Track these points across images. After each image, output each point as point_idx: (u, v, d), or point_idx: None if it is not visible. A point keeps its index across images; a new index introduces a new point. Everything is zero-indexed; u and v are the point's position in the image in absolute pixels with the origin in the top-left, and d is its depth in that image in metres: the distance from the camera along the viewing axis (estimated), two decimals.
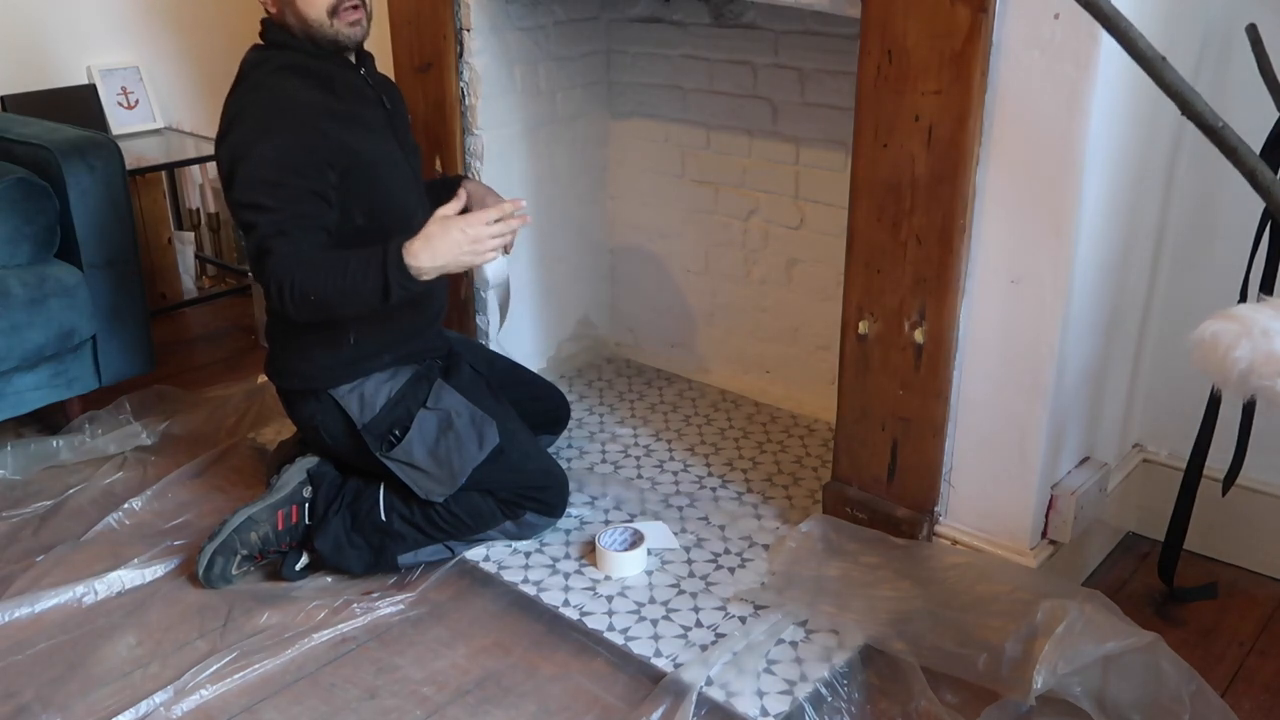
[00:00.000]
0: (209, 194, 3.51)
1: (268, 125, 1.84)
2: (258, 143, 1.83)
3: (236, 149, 1.85)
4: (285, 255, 1.78)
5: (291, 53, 1.91)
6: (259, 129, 1.84)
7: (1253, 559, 2.05)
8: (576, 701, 1.72)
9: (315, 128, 1.86)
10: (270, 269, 1.79)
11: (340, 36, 1.90)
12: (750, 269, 2.64)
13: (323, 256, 1.82)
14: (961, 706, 1.67)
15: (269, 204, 1.80)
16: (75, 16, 3.17)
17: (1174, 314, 2.03)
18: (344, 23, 1.89)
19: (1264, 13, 1.68)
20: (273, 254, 1.78)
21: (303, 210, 1.82)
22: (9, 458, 2.40)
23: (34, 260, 2.35)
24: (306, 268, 1.78)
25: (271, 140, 1.83)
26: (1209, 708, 1.58)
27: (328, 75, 1.92)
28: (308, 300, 1.78)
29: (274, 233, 1.79)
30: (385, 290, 1.76)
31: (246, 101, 1.89)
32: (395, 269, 1.75)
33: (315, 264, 1.79)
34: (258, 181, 1.81)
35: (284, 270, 1.78)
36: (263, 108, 1.86)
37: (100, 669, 1.80)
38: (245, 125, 1.86)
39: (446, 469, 1.97)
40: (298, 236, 1.80)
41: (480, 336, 2.61)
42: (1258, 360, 1.22)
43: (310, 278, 1.78)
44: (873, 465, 1.99)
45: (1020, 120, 1.67)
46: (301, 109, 1.86)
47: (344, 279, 1.77)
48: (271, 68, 1.90)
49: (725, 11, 2.45)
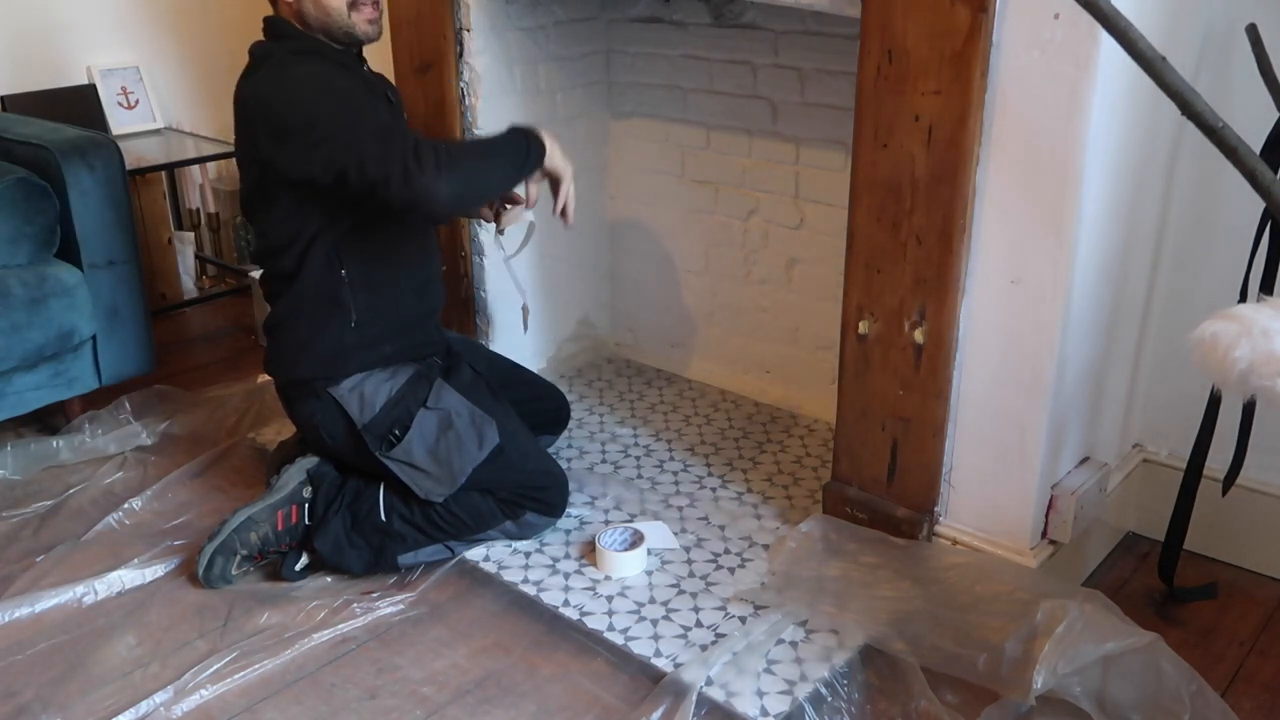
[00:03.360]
0: (209, 194, 3.51)
1: (315, 82, 1.84)
2: (314, 94, 1.82)
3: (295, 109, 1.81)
4: (414, 137, 1.77)
5: (304, 41, 1.92)
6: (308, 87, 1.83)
7: (1253, 559, 2.05)
8: (576, 701, 1.72)
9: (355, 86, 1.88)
10: (406, 147, 1.73)
11: (357, 30, 1.92)
12: (750, 269, 2.64)
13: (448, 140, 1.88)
14: (961, 706, 1.67)
15: (361, 117, 1.79)
16: (75, 17, 3.18)
17: (1174, 314, 2.03)
18: (362, 18, 1.91)
19: (1264, 13, 1.68)
20: (400, 136, 1.76)
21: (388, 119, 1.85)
22: (9, 458, 2.40)
23: (34, 260, 2.35)
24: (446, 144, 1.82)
25: (328, 89, 1.83)
26: (1209, 708, 1.58)
27: (343, 61, 1.94)
28: (459, 166, 1.78)
29: (383, 127, 1.78)
30: (526, 157, 1.92)
31: (276, 80, 1.87)
32: (535, 138, 1.94)
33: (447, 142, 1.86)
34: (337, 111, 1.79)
35: (423, 145, 1.75)
36: (301, 77, 1.85)
37: (100, 669, 1.80)
38: (290, 92, 1.83)
39: (446, 469, 1.97)
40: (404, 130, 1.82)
41: (480, 336, 2.61)
42: (1258, 360, 1.22)
43: (455, 151, 1.81)
44: (873, 465, 1.99)
45: (1020, 120, 1.67)
46: (337, 76, 1.88)
47: (487, 147, 1.93)
48: (289, 50, 1.91)
49: (725, 11, 2.45)
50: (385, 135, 1.76)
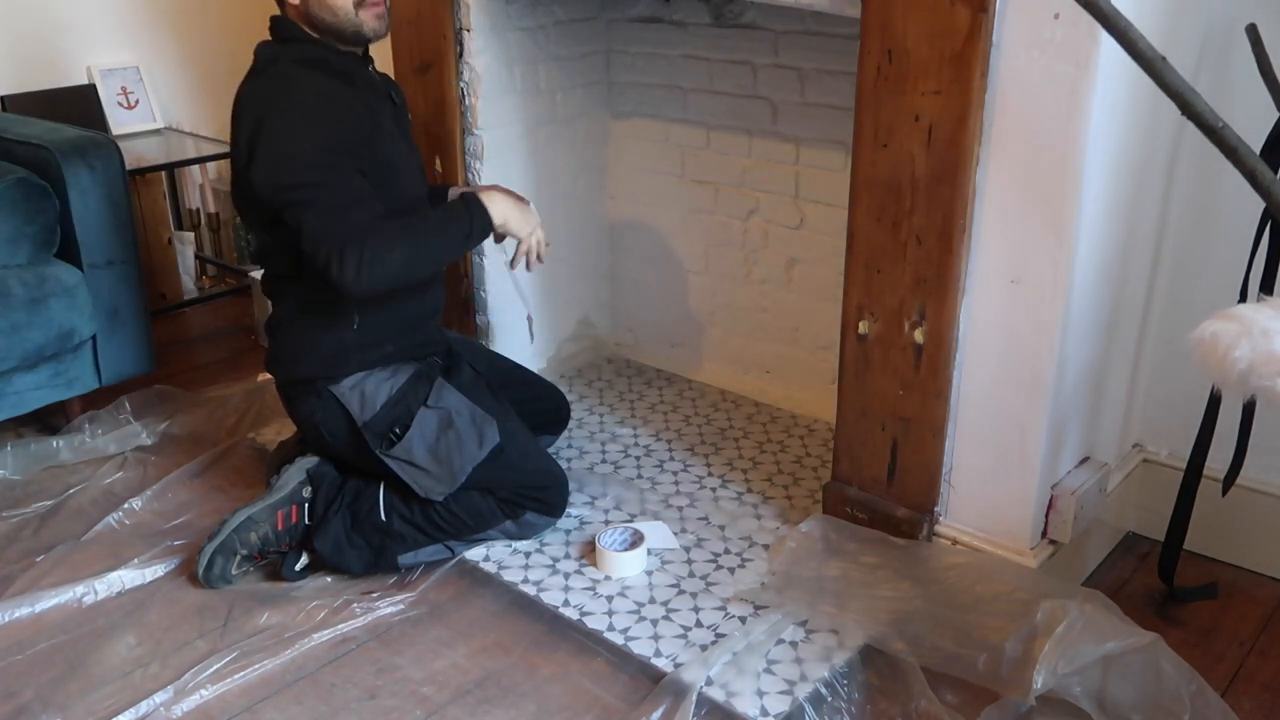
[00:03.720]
0: (209, 194, 3.51)
1: (308, 112, 1.83)
2: (301, 128, 1.81)
3: (278, 138, 1.82)
4: (358, 223, 1.78)
5: (309, 46, 1.91)
6: (297, 116, 1.83)
7: (1253, 559, 2.05)
8: (576, 701, 1.72)
9: (344, 115, 1.86)
10: (343, 238, 1.76)
11: (364, 28, 1.91)
12: (750, 269, 2.64)
13: (394, 219, 1.85)
14: (961, 706, 1.67)
15: (328, 181, 1.79)
16: (75, 17, 3.18)
17: (1174, 314, 2.03)
18: (369, 14, 1.90)
19: (1264, 13, 1.68)
20: (344, 223, 1.77)
21: (359, 185, 1.83)
22: (9, 458, 2.40)
23: (34, 260, 2.35)
24: (385, 231, 1.81)
25: (314, 125, 1.82)
26: (1209, 708, 1.58)
27: (346, 70, 1.92)
28: (389, 261, 1.79)
29: (337, 205, 1.79)
30: (468, 234, 1.92)
31: (275, 91, 1.86)
32: (479, 211, 1.92)
33: (394, 226, 1.83)
34: (311, 163, 1.79)
35: (361, 236, 1.77)
36: (298, 96, 1.85)
37: (100, 669, 1.80)
38: (281, 113, 1.83)
39: (446, 468, 1.97)
40: (360, 206, 1.81)
41: (480, 336, 2.61)
42: (1258, 360, 1.22)
43: (391, 239, 1.80)
44: (873, 465, 1.99)
45: (1020, 120, 1.67)
46: (329, 98, 1.86)
47: (428, 231, 1.89)
48: (291, 59, 1.89)
49: (725, 11, 2.45)
50: (332, 215, 1.78)
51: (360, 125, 1.87)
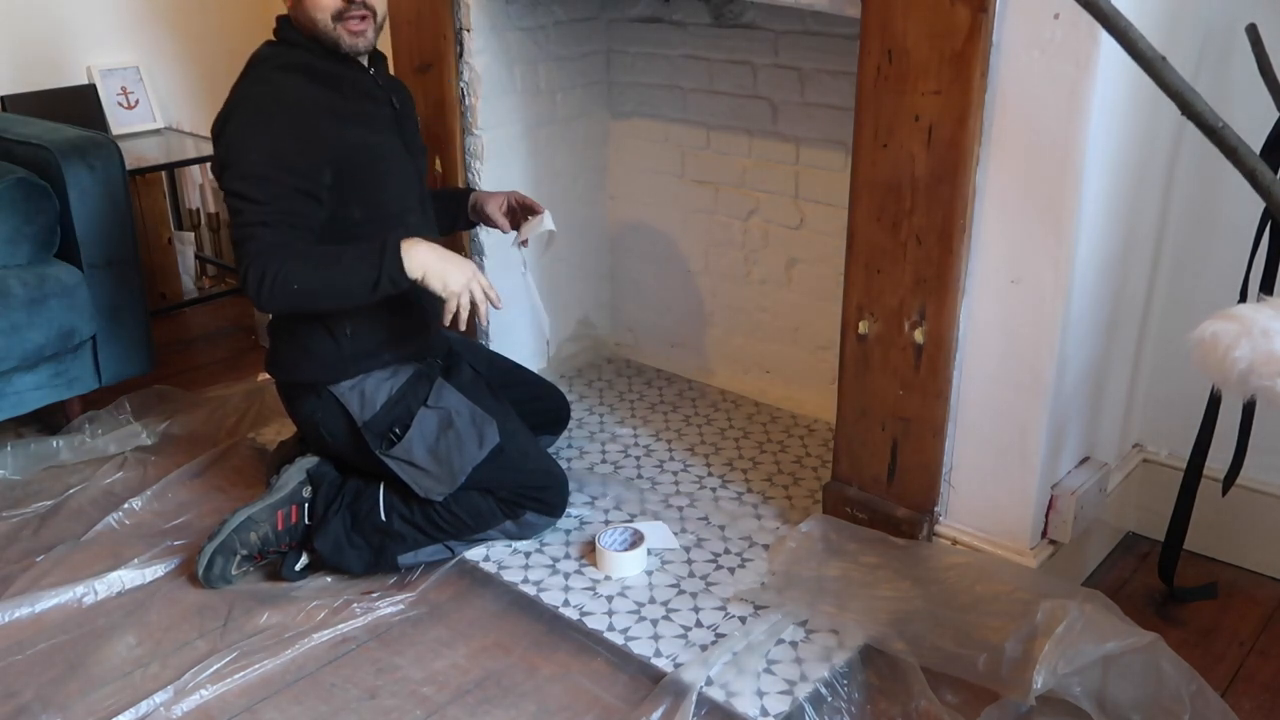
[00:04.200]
0: (209, 194, 3.51)
1: (265, 120, 1.86)
2: (253, 135, 1.85)
3: (232, 139, 1.87)
4: (268, 244, 1.81)
5: (301, 51, 1.93)
6: (256, 122, 1.86)
7: (1253, 559, 2.05)
8: (576, 701, 1.72)
9: (312, 125, 1.87)
10: (251, 255, 1.81)
11: (342, 42, 1.92)
12: (750, 269, 2.64)
13: (312, 247, 1.87)
14: (961, 706, 1.67)
15: (256, 196, 1.83)
16: (75, 16, 3.17)
17: (1174, 314, 2.03)
18: (346, 30, 1.90)
19: (1264, 13, 1.67)
20: (254, 240, 1.81)
21: (289, 207, 1.84)
22: (9, 458, 2.40)
23: (34, 260, 2.35)
24: (293, 257, 1.82)
25: (267, 134, 1.85)
26: (1209, 708, 1.58)
27: (334, 74, 1.93)
28: (288, 288, 1.81)
29: (257, 222, 1.82)
30: (375, 281, 1.81)
31: (249, 94, 1.91)
32: (391, 258, 1.80)
33: (303, 254, 1.84)
34: (248, 174, 1.84)
35: (265, 258, 1.80)
36: (262, 102, 1.88)
37: (100, 669, 1.80)
38: (243, 117, 1.88)
39: (446, 468, 1.97)
40: (281, 230, 1.83)
41: (480, 336, 2.61)
42: (1258, 360, 1.22)
43: (295, 267, 1.81)
44: (873, 465, 1.99)
45: (1020, 120, 1.67)
46: (300, 106, 1.88)
47: (334, 267, 1.83)
48: (277, 63, 1.92)
49: (725, 11, 2.45)
50: (252, 229, 1.82)
51: (321, 141, 1.88)
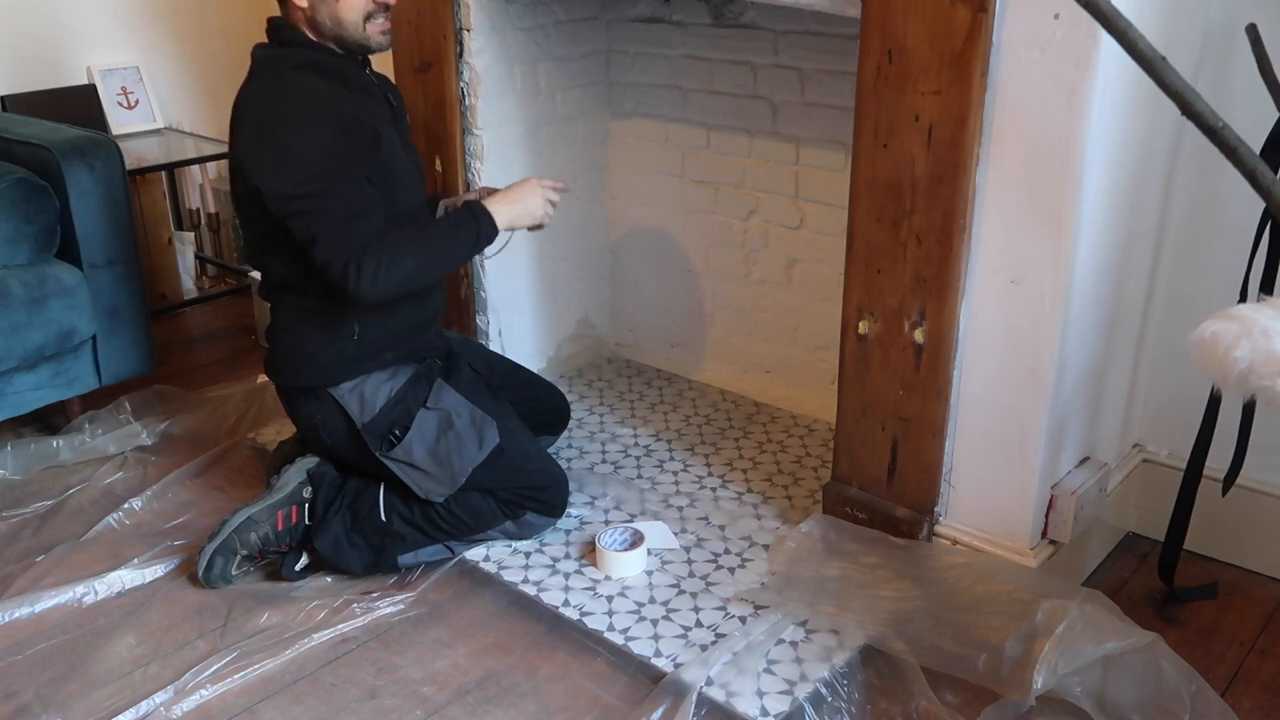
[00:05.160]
0: (209, 194, 3.52)
1: (309, 118, 1.83)
2: (304, 136, 1.82)
3: (283, 144, 1.82)
4: (369, 233, 1.81)
5: (307, 50, 1.91)
6: (302, 122, 1.83)
7: (1253, 559, 2.05)
8: (576, 701, 1.72)
9: (345, 122, 1.86)
10: (356, 248, 1.80)
11: (371, 42, 1.93)
12: (750, 269, 2.64)
13: (403, 228, 1.90)
14: (961, 706, 1.67)
15: (334, 191, 1.81)
16: (75, 16, 3.18)
17: (1174, 314, 2.03)
18: (376, 29, 1.92)
19: (1264, 13, 1.68)
20: (354, 234, 1.80)
21: (366, 193, 1.85)
22: (9, 458, 2.40)
23: (34, 260, 2.35)
24: (393, 241, 1.84)
25: (317, 131, 1.82)
26: (1209, 708, 1.58)
27: (344, 72, 1.92)
28: (402, 270, 1.83)
29: (347, 216, 1.81)
30: (475, 241, 1.94)
31: (275, 97, 1.86)
32: (486, 220, 1.93)
33: (400, 235, 1.86)
34: (316, 173, 1.81)
35: (372, 248, 1.80)
36: (298, 102, 1.85)
37: (100, 669, 1.80)
38: (286, 119, 1.83)
39: (446, 469, 1.97)
40: (372, 218, 1.83)
41: (480, 337, 2.61)
42: (1258, 360, 1.22)
43: (401, 249, 1.83)
44: (873, 465, 1.99)
45: (1020, 120, 1.67)
46: (332, 103, 1.86)
47: (439, 239, 1.92)
48: (290, 64, 1.89)
49: (725, 11, 2.45)
50: (346, 225, 1.81)
51: (362, 130, 1.87)
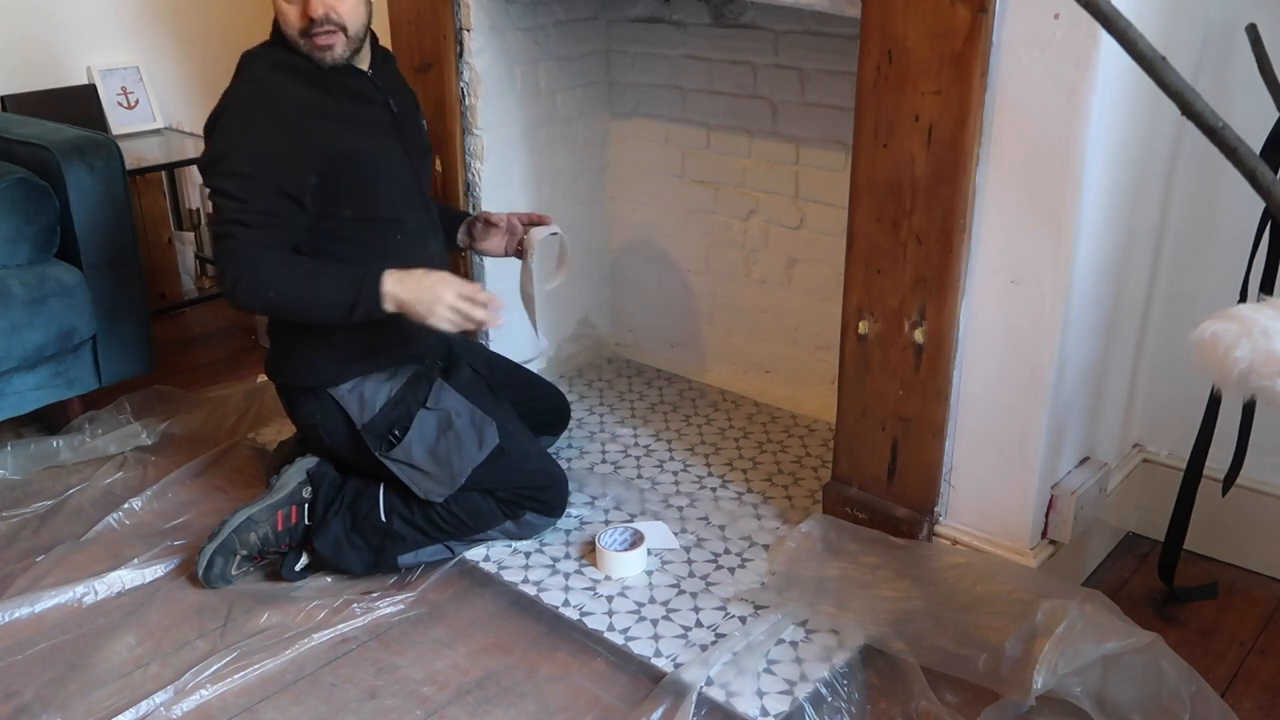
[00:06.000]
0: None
1: (252, 118, 1.87)
2: (239, 134, 1.86)
3: (218, 137, 1.89)
4: (246, 243, 1.83)
5: (289, 51, 1.92)
6: (244, 120, 1.87)
7: (1253, 559, 2.05)
8: (576, 701, 1.72)
9: (298, 126, 1.87)
10: (228, 254, 1.84)
11: (313, 55, 1.91)
12: (750, 269, 2.64)
13: (294, 258, 1.89)
14: (961, 706, 1.67)
15: (238, 194, 1.84)
16: (75, 16, 3.17)
17: (1174, 314, 2.03)
18: (314, 44, 1.89)
19: (1264, 13, 1.68)
20: (233, 239, 1.83)
21: (270, 207, 1.85)
22: (9, 458, 2.40)
23: (34, 260, 2.35)
24: (272, 264, 1.84)
25: (253, 133, 1.86)
26: (1209, 708, 1.58)
27: (323, 76, 1.92)
28: (263, 294, 1.84)
29: (236, 220, 1.83)
30: (350, 308, 1.83)
31: (239, 93, 1.91)
32: (370, 290, 1.82)
33: (285, 262, 1.86)
34: (232, 171, 1.85)
35: (241, 258, 1.83)
36: (250, 101, 1.89)
37: (100, 669, 1.80)
38: (232, 115, 1.89)
39: (446, 469, 1.97)
40: (260, 230, 1.84)
41: (480, 337, 2.61)
42: (1258, 360, 1.22)
43: (273, 274, 1.84)
44: (873, 465, 1.99)
45: (1020, 120, 1.67)
46: (287, 106, 1.88)
47: (313, 284, 1.86)
48: (267, 63, 1.92)
49: (725, 11, 2.45)
50: (232, 227, 1.83)
51: (310, 140, 1.88)
